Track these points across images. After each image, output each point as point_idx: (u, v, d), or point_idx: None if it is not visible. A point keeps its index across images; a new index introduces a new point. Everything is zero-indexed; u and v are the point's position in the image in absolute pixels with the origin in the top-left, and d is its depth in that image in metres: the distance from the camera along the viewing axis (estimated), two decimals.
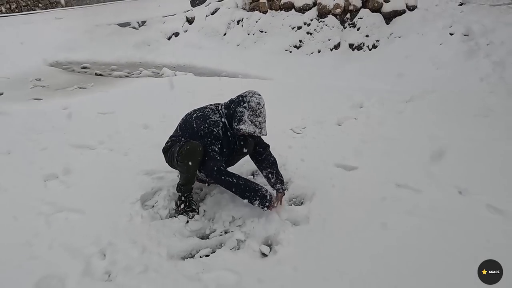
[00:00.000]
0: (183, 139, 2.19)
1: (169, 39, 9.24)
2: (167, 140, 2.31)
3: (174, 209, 2.31)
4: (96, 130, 3.57)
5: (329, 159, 2.92)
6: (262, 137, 2.17)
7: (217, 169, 2.03)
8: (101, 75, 6.70)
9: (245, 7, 8.80)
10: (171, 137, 2.30)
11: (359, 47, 7.11)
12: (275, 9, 8.33)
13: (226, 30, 8.75)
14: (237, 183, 2.01)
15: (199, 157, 2.06)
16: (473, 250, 1.86)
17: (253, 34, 8.26)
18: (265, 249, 1.93)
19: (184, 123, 2.24)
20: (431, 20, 6.76)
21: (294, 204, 2.37)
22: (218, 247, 1.98)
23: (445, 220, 2.11)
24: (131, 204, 2.28)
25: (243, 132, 2.08)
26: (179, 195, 2.26)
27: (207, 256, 1.90)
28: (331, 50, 7.29)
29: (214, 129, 2.07)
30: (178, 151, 2.10)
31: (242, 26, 8.56)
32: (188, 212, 2.25)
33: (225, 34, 8.72)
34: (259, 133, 2.08)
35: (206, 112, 2.16)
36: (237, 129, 2.08)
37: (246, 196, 2.02)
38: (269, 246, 1.98)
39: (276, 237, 2.00)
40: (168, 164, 2.32)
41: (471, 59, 5.53)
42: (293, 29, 7.82)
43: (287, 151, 3.04)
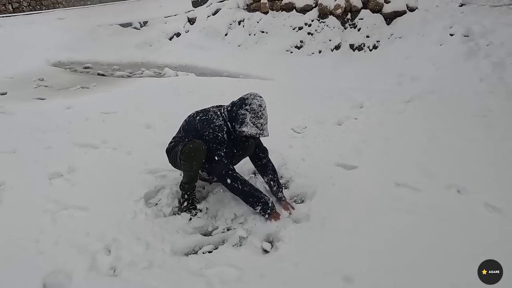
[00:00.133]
0: (186, 140, 2.23)
1: (170, 39, 9.27)
2: (170, 141, 2.35)
3: (177, 206, 2.35)
4: (99, 129, 3.61)
5: (330, 158, 2.96)
6: (265, 138, 2.21)
7: (225, 174, 2.11)
8: (103, 75, 6.72)
9: (246, 7, 8.83)
10: (174, 138, 2.34)
11: (359, 48, 7.14)
12: (276, 9, 8.36)
13: (227, 31, 8.79)
14: (242, 190, 2.09)
15: (202, 156, 2.11)
16: (471, 248, 1.89)
17: (254, 35, 8.29)
18: (267, 246, 1.97)
19: (188, 125, 2.28)
20: (431, 21, 6.78)
21: (295, 203, 2.40)
22: (221, 244, 2.02)
23: (443, 219, 2.15)
24: (135, 202, 2.33)
25: (245, 134, 2.12)
26: (182, 193, 2.31)
27: (210, 252, 1.94)
28: (331, 50, 7.31)
29: (219, 134, 2.11)
30: (182, 150, 2.14)
31: (243, 26, 8.59)
32: (191, 209, 2.29)
33: (226, 34, 8.75)
34: (261, 134, 2.12)
35: (209, 116, 2.19)
36: (239, 131, 2.12)
37: (250, 201, 2.11)
38: (271, 242, 2.02)
39: (277, 234, 2.04)
40: (171, 164, 2.36)
41: (471, 59, 5.55)
42: (294, 29, 7.85)
43: (288, 150, 3.08)
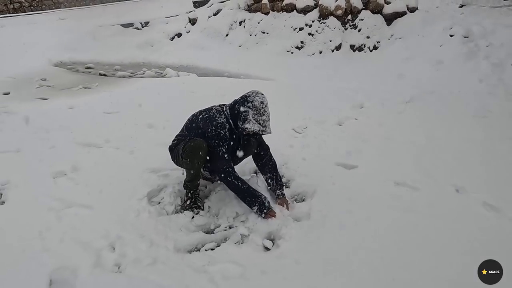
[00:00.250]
0: (188, 138, 2.26)
1: (172, 39, 9.30)
2: (173, 139, 2.39)
3: (180, 205, 2.39)
4: (102, 129, 3.64)
5: (330, 158, 2.99)
6: (267, 135, 2.24)
7: (225, 170, 2.14)
8: (105, 75, 6.75)
9: (247, 8, 8.87)
10: (177, 136, 2.38)
11: (360, 48, 7.16)
12: (277, 10, 8.38)
13: (228, 31, 8.82)
14: (240, 188, 2.13)
15: (203, 153, 2.14)
16: (469, 246, 1.93)
17: (255, 35, 8.32)
18: (268, 243, 2.01)
19: (191, 123, 2.31)
20: (431, 21, 6.80)
21: (296, 201, 2.44)
22: (223, 241, 2.06)
23: (442, 217, 2.18)
24: (138, 200, 2.36)
25: (248, 131, 2.14)
26: (186, 191, 2.34)
27: (212, 249, 1.98)
28: (332, 51, 7.33)
29: (221, 131, 2.14)
30: (183, 148, 2.18)
31: (244, 27, 8.62)
32: (193, 208, 2.32)
33: (227, 35, 8.78)
34: (263, 131, 2.14)
35: (212, 113, 2.23)
36: (242, 129, 2.14)
37: (247, 201, 2.14)
38: (272, 240, 2.06)
39: (278, 232, 2.07)
40: (173, 162, 2.40)
41: (470, 60, 5.57)
42: (294, 30, 7.87)
43: (289, 150, 3.11)
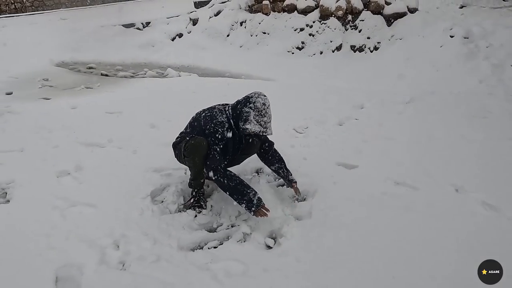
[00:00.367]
0: (190, 136, 2.30)
1: (173, 40, 9.33)
2: (177, 136, 2.43)
3: (183, 204, 2.42)
4: (105, 129, 3.67)
5: (331, 157, 3.02)
6: (268, 136, 2.28)
7: (214, 168, 2.14)
8: (107, 75, 6.79)
9: (248, 8, 8.90)
10: (181, 133, 2.42)
11: (360, 49, 7.19)
12: (277, 11, 8.42)
13: (229, 32, 8.85)
14: (227, 185, 2.10)
15: (203, 151, 2.17)
16: (468, 245, 1.96)
17: (256, 36, 8.36)
18: (270, 242, 2.04)
19: (194, 121, 2.35)
20: (431, 22, 6.82)
21: (297, 201, 2.47)
22: (225, 240, 2.09)
23: (441, 216, 2.21)
24: (141, 199, 2.40)
25: (249, 132, 2.16)
26: (191, 190, 2.38)
27: (215, 247, 2.01)
28: (333, 51, 7.37)
29: (219, 129, 2.16)
30: (184, 146, 2.22)
31: (245, 27, 8.66)
32: (195, 207, 2.36)
33: (228, 35, 8.81)
34: (264, 132, 2.17)
35: (214, 112, 2.26)
36: (243, 129, 2.16)
37: (235, 198, 2.12)
38: (274, 239, 2.09)
39: (280, 231, 2.11)
40: (177, 159, 2.43)
41: (470, 61, 5.60)
42: (295, 30, 7.91)
43: (290, 150, 3.14)
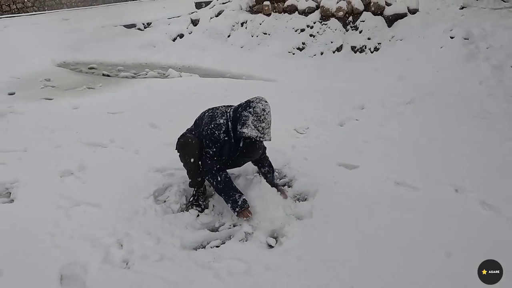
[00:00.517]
0: (193, 132, 2.35)
1: (174, 40, 9.35)
2: (183, 132, 2.46)
3: (185, 204, 2.45)
4: (107, 129, 3.69)
5: (331, 158, 3.05)
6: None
7: (206, 170, 2.22)
8: (108, 75, 6.80)
9: (249, 9, 8.93)
10: (187, 130, 2.46)
11: (361, 50, 7.22)
12: (278, 11, 8.45)
13: (230, 32, 8.88)
14: (217, 186, 2.20)
15: (191, 149, 2.22)
16: (468, 244, 1.99)
17: (257, 36, 8.38)
18: (272, 241, 2.07)
19: (199, 119, 2.39)
20: (432, 23, 6.85)
21: (298, 200, 2.50)
22: (228, 239, 2.11)
23: (441, 216, 2.23)
24: (144, 198, 2.42)
25: (245, 136, 2.14)
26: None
27: (217, 247, 2.04)
28: (333, 52, 7.39)
29: (216, 132, 2.18)
30: (176, 145, 2.26)
31: (246, 28, 8.68)
32: (193, 206, 2.39)
33: (229, 36, 8.84)
34: (261, 138, 2.13)
35: (215, 113, 2.28)
36: (240, 132, 2.15)
37: (222, 197, 2.22)
38: (275, 238, 2.11)
39: (281, 230, 2.13)
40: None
41: (470, 62, 5.62)
42: (296, 31, 7.93)
43: (291, 150, 3.16)
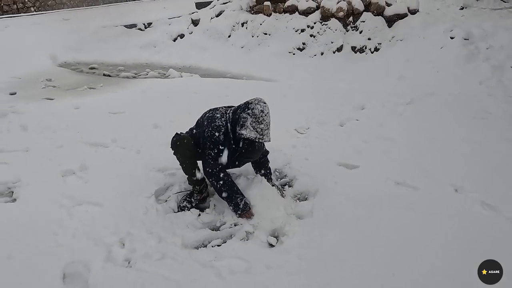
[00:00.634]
0: (194, 131, 2.38)
1: (174, 40, 9.37)
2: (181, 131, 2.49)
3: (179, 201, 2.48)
4: (108, 129, 3.71)
5: (332, 158, 3.06)
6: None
7: (208, 172, 2.24)
8: (109, 75, 6.82)
9: (249, 9, 8.95)
10: (189, 129, 2.50)
11: (361, 50, 7.24)
12: (279, 12, 8.47)
13: (231, 32, 8.89)
14: (219, 188, 2.23)
15: (184, 148, 2.26)
16: (467, 244, 2.00)
17: (257, 37, 8.40)
18: (272, 240, 2.08)
19: (201, 119, 2.41)
20: (432, 23, 6.87)
21: (299, 200, 2.52)
22: (229, 238, 2.13)
23: (441, 215, 2.25)
24: (146, 198, 2.44)
25: (244, 137, 2.16)
26: None
27: (218, 246, 2.05)
28: (334, 52, 7.41)
29: (215, 133, 2.19)
30: (170, 143, 2.30)
31: (246, 28, 8.70)
32: (184, 201, 2.41)
33: (229, 36, 8.85)
34: (260, 139, 2.14)
35: (215, 114, 2.29)
36: (239, 134, 2.17)
37: (224, 199, 2.25)
38: (276, 237, 2.13)
39: (282, 229, 2.15)
40: None
41: (470, 62, 5.64)
42: (296, 31, 7.95)
43: (291, 150, 3.18)
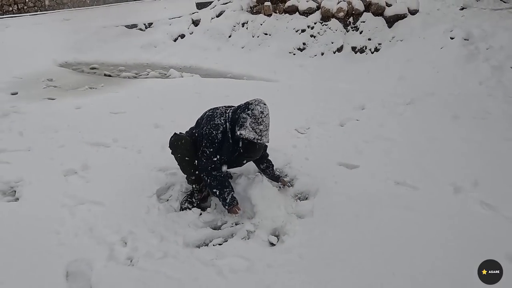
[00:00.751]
0: (193, 131, 2.39)
1: (175, 40, 9.38)
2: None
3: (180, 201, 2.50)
4: (109, 129, 3.73)
5: (332, 158, 3.08)
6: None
7: (201, 168, 2.26)
8: (110, 75, 6.83)
9: (249, 10, 8.96)
10: (190, 128, 2.51)
11: (361, 50, 7.25)
12: (279, 12, 8.48)
13: (231, 33, 8.90)
14: (209, 184, 2.24)
15: (182, 147, 2.27)
16: (467, 243, 2.02)
17: (258, 37, 8.41)
18: (273, 239, 2.10)
19: (200, 118, 2.43)
20: (432, 24, 6.88)
21: (299, 199, 2.53)
22: (230, 237, 2.15)
23: (440, 215, 2.27)
24: (147, 197, 2.46)
25: (243, 137, 2.17)
26: None
27: (220, 244, 2.07)
28: (334, 53, 7.42)
29: (213, 132, 2.21)
30: (168, 143, 2.32)
31: (247, 28, 8.71)
32: (186, 202, 2.43)
33: (230, 36, 8.87)
34: (259, 140, 2.15)
35: (214, 113, 2.30)
36: (238, 134, 2.18)
37: (215, 195, 2.28)
38: (277, 236, 2.15)
39: (283, 229, 2.17)
40: None
41: (470, 63, 5.65)
42: (297, 32, 7.96)
43: (292, 150, 3.20)
